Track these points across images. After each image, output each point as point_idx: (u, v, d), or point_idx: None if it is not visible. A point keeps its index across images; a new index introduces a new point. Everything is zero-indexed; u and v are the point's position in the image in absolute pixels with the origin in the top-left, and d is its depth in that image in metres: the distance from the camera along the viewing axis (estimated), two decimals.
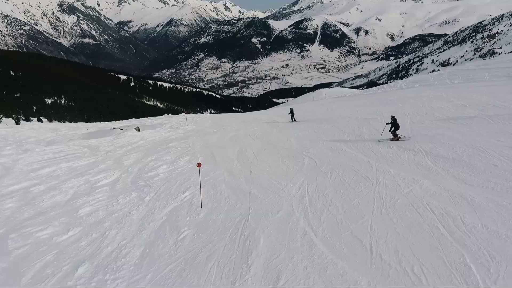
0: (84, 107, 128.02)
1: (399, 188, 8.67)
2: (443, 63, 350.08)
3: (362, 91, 53.09)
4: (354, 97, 39.62)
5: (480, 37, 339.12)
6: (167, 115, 47.62)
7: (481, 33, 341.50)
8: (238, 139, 19.02)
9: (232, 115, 40.30)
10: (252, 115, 35.51)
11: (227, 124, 25.61)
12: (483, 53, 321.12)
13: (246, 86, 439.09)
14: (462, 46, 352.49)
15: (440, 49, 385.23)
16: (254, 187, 10.16)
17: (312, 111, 29.76)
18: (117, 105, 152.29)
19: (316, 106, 35.33)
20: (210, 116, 35.00)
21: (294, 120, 24.26)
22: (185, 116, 29.31)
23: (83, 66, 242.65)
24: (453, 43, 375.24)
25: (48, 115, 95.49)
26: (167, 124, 27.66)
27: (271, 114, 32.91)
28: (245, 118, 30.42)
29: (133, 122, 33.83)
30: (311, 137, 16.67)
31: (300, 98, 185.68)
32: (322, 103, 39.66)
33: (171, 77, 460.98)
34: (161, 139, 20.47)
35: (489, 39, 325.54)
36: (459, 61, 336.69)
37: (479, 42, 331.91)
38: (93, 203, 9.95)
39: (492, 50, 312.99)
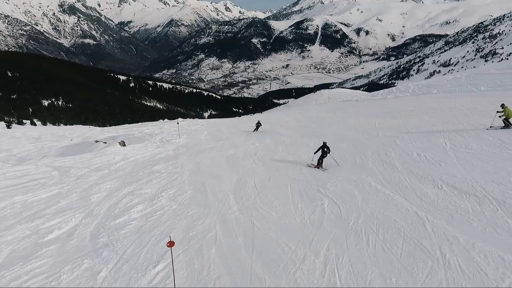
0: (82, 109, 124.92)
1: (486, 279, 5.47)
2: (444, 64, 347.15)
3: (370, 94, 49.89)
4: (364, 103, 36.37)
5: (481, 38, 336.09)
6: (163, 121, 44.45)
7: (483, 34, 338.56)
8: (236, 161, 15.78)
9: (231, 122, 37.16)
10: (252, 119, 32.53)
11: (225, 137, 22.37)
12: (485, 53, 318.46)
13: (247, 87, 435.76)
14: (463, 47, 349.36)
15: (441, 50, 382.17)
16: (258, 259, 6.90)
17: (319, 119, 26.51)
18: (115, 106, 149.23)
19: (322, 112, 32.14)
20: (207, 125, 31.70)
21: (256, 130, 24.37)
22: (178, 126, 25.95)
23: (82, 67, 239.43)
24: (454, 44, 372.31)
25: (44, 117, 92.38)
26: (158, 135, 24.46)
27: (274, 120, 29.71)
28: (244, 126, 27.36)
29: (122, 131, 30.62)
30: (326, 161, 13.43)
31: (301, 99, 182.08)
32: (328, 109, 36.45)
33: (171, 78, 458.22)
34: (146, 159, 17.24)
35: (490, 39, 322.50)
36: (460, 61, 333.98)
37: (480, 43, 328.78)
38: (22, 282, 6.77)
39: (494, 50, 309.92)
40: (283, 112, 50.17)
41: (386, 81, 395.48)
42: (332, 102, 55.27)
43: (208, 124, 32.95)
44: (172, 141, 21.74)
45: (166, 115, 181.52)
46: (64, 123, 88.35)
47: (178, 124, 23.98)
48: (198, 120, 44.68)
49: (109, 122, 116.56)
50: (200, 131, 26.30)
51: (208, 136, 23.00)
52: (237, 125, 31.03)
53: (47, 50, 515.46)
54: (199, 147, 19.13)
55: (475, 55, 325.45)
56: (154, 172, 14.58)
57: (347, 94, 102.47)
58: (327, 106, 43.73)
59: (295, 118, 32.28)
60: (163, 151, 18.78)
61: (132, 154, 18.50)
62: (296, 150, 16.86)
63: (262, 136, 21.68)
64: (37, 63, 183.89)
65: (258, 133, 23.01)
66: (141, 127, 35.49)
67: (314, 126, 22.22)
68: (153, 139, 22.88)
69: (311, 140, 18.28)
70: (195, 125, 32.89)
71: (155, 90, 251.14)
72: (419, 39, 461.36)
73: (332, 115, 27.30)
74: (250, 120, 36.76)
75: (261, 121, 25.19)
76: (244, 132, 23.66)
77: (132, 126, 38.62)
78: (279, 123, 26.90)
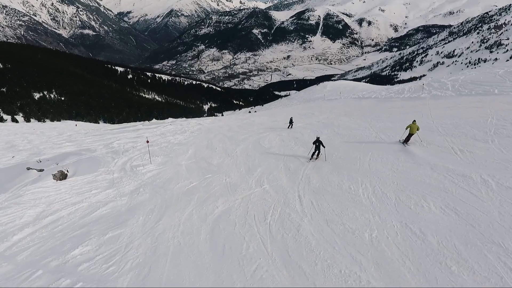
0: (75, 102, 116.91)
1: None
2: (448, 55, 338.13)
3: (391, 90, 41.88)
4: (392, 103, 28.62)
5: (486, 28, 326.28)
6: (148, 122, 36.73)
7: (487, 24, 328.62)
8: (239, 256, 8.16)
9: (231, 124, 29.43)
10: (259, 120, 24.86)
11: (219, 166, 14.67)
12: (490, 44, 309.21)
13: (247, 78, 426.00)
14: (467, 37, 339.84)
15: (445, 41, 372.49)
16: None
17: (346, 130, 18.83)
18: (111, 100, 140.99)
19: (343, 116, 24.47)
20: (198, 133, 23.96)
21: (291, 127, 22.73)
22: (148, 146, 18.12)
23: (78, 58, 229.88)
24: (458, 34, 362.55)
25: (31, 112, 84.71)
26: (126, 154, 16.91)
27: (282, 126, 22.12)
28: (252, 137, 19.81)
29: (90, 140, 22.96)
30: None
31: (304, 92, 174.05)
32: (346, 109, 28.75)
33: (171, 69, 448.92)
34: (74, 221, 9.66)
35: (495, 30, 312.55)
36: (464, 52, 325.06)
37: (485, 33, 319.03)
38: None
39: (499, 41, 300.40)
40: (288, 109, 42.38)
41: (389, 72, 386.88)
42: (345, 98, 47.35)
43: (200, 131, 25.25)
44: (138, 169, 14.13)
45: (165, 108, 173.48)
46: (52, 118, 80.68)
47: (148, 143, 15.94)
48: (190, 122, 36.95)
49: (102, 117, 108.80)
50: (185, 145, 18.65)
51: (193, 160, 15.33)
52: (238, 132, 23.41)
53: (46, 41, 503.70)
54: (172, 194, 11.42)
55: (480, 46, 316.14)
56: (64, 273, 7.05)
57: (357, 88, 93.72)
58: (342, 105, 35.91)
59: (309, 122, 24.65)
60: (112, 197, 11.20)
61: (61, 202, 10.95)
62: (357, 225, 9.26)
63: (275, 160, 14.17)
64: (31, 54, 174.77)
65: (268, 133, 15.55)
66: (119, 133, 27.90)
67: (351, 150, 14.37)
68: (114, 163, 15.28)
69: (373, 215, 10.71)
70: (183, 132, 25.19)
71: (154, 82, 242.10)
72: (422, 30, 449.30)
73: (362, 124, 19.59)
74: (252, 124, 29.09)
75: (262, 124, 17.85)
76: (250, 156, 15.98)
77: (112, 130, 31.10)
78: (292, 136, 19.29)
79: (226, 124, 29.93)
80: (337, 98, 50.68)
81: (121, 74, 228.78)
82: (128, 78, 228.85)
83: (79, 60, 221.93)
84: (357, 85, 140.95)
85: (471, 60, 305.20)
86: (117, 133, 27.01)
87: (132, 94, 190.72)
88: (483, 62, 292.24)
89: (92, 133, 29.70)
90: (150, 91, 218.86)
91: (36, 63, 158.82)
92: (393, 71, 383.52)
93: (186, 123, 34.93)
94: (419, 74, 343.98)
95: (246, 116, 41.40)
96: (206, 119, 42.64)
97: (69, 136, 28.96)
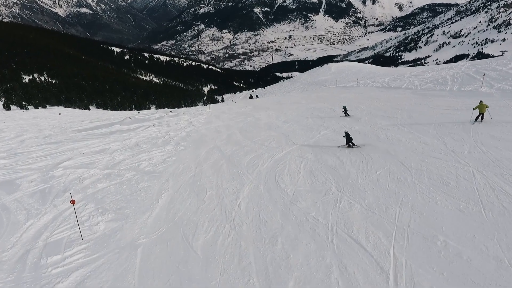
0: (66, 85, 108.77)
1: None
2: (454, 35, 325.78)
3: (418, 75, 34.52)
4: (431, 98, 21.74)
5: (495, 7, 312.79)
6: (136, 113, 29.76)
7: (497, 2, 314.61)
8: None
9: (230, 132, 22.63)
10: (266, 119, 18.16)
11: (207, 262, 7.94)
12: (498, 24, 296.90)
13: (248, 59, 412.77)
14: (475, 17, 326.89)
15: (451, 20, 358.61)
16: None
17: (412, 155, 12.19)
18: (106, 82, 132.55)
19: (381, 119, 17.66)
20: (185, 145, 17.14)
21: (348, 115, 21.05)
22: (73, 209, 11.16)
23: (72, 38, 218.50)
24: (465, 13, 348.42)
25: (18, 97, 77.04)
26: (50, 209, 10.27)
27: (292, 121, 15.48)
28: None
29: (13, 170, 16.18)
30: None
31: (307, 74, 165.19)
32: (380, 108, 21.86)
33: (170, 49, 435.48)
34: None
35: (505, 8, 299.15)
36: (471, 32, 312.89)
37: (494, 12, 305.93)
38: None
39: (508, 20, 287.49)
40: (296, 98, 35.23)
41: (393, 53, 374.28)
42: (364, 85, 39.99)
43: (189, 141, 18.41)
44: (46, 270, 7.34)
45: (163, 90, 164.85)
46: (38, 104, 73.25)
47: (74, 204, 8.33)
48: (182, 119, 30.14)
49: (95, 101, 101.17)
50: (159, 180, 11.60)
51: (160, 232, 8.42)
52: (240, 146, 16.66)
53: (42, 20, 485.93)
54: None
55: (488, 26, 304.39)
56: None
57: (363, 70, 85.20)
58: (367, 97, 28.81)
59: (335, 129, 17.84)
60: None
61: None
62: None
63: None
64: (22, 34, 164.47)
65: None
66: (84, 140, 21.13)
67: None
68: (16, 237, 8.43)
69: None
70: (166, 142, 18.32)
71: (152, 63, 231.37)
72: (428, 9, 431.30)
73: (429, 140, 12.76)
74: (258, 125, 22.30)
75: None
76: (264, 223, 9.09)
77: (78, 134, 24.34)
78: (325, 163, 12.31)
79: (224, 124, 23.02)
80: (354, 84, 43.28)
81: (118, 55, 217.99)
82: (125, 59, 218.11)
83: (73, 40, 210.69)
84: (363, 67, 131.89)
85: (478, 40, 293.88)
86: (82, 139, 20.10)
87: (129, 76, 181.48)
88: (490, 42, 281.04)
89: (53, 136, 22.81)
90: (148, 73, 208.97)
91: (28, 43, 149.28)
92: (397, 51, 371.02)
93: (176, 119, 28.03)
94: (424, 55, 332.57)
95: (248, 108, 34.35)
96: (202, 112, 35.60)
97: (22, 141, 22.15)
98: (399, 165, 10.42)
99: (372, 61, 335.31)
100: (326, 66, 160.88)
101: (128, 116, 27.69)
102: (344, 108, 22.31)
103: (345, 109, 22.24)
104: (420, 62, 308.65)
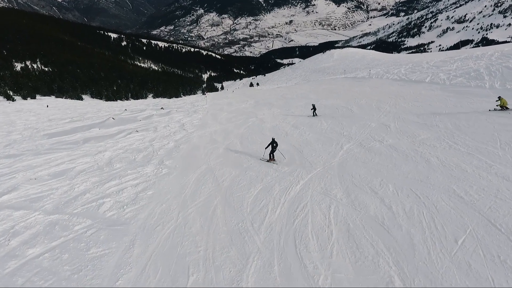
0: (60, 73, 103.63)
1: None
2: (459, 20, 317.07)
3: (439, 68, 30.18)
4: (471, 98, 17.88)
5: None
6: (123, 110, 25.83)
7: None
8: None
9: (228, 142, 18.89)
10: (272, 122, 14.35)
11: None
12: (504, 8, 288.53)
13: (248, 45, 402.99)
14: (480, 1, 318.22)
15: (456, 4, 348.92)
16: None
17: None
18: (101, 70, 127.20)
19: (429, 134, 13.87)
20: (167, 170, 13.34)
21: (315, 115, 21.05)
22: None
23: (67, 23, 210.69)
24: None
25: (5, 87, 72.44)
26: None
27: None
28: None
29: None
30: None
31: (309, 60, 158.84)
32: (412, 112, 18.01)
33: (169, 35, 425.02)
34: None
35: None
36: (476, 17, 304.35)
37: None
38: None
39: None
40: (302, 91, 31.12)
41: (395, 39, 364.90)
42: (378, 78, 35.80)
43: (176, 158, 14.65)
44: None
45: (161, 77, 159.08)
46: (27, 94, 68.80)
47: None
48: (173, 118, 26.33)
49: (89, 90, 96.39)
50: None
51: None
52: (241, 170, 12.99)
53: (38, 4, 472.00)
54: None
55: (493, 11, 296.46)
56: None
57: (367, 57, 79.94)
58: (386, 93, 24.84)
59: (369, 147, 14.07)
60: None
61: None
62: None
63: None
64: (14, 19, 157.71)
65: None
66: (47, 153, 17.34)
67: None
68: None
69: None
70: (146, 161, 14.56)
71: (150, 50, 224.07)
72: None
73: None
74: (263, 129, 18.51)
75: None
76: None
77: (45, 143, 20.55)
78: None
79: (222, 129, 19.19)
80: (366, 75, 39.01)
81: (115, 41, 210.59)
82: (122, 45, 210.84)
83: (68, 25, 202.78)
84: (367, 54, 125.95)
85: (483, 25, 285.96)
86: (47, 150, 16.11)
87: (126, 63, 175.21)
88: (495, 27, 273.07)
89: (17, 144, 18.92)
90: (145, 60, 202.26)
91: (21, 29, 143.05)
92: (399, 37, 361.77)
93: (166, 120, 24.16)
94: (428, 41, 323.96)
95: (249, 104, 30.41)
96: (197, 109, 31.67)
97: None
98: (489, 227, 6.61)
99: (374, 47, 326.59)
100: (328, 52, 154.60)
101: (111, 116, 23.72)
102: (313, 107, 21.58)
103: (314, 107, 21.54)
104: (423, 48, 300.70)
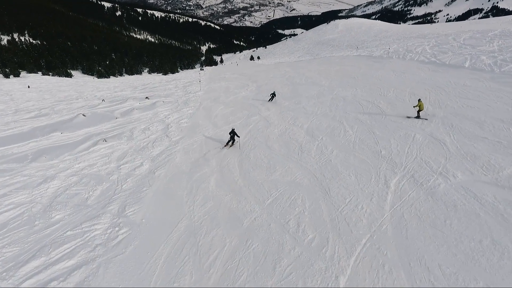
0: (49, 47, 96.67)
1: None
2: None
3: (455, 34, 25.01)
4: None
5: None
6: (114, 86, 21.14)
7: None
8: None
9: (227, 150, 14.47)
10: (279, 125, 10.50)
11: None
12: None
13: (248, 14, 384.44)
14: None
15: None
16: None
17: None
18: (93, 42, 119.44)
19: None
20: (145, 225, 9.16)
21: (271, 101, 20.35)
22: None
23: None
24: None
25: None
26: None
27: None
28: None
29: None
30: None
31: (312, 32, 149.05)
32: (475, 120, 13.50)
33: (166, 4, 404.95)
34: None
35: None
36: None
37: None
38: None
39: None
40: (308, 71, 26.05)
41: (401, 7, 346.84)
42: (400, 58, 30.56)
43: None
44: None
45: (157, 50, 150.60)
46: (10, 72, 63.01)
47: None
48: (159, 114, 21.88)
49: (80, 66, 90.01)
50: None
51: None
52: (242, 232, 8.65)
53: None
54: None
55: None
56: None
57: (374, 28, 72.45)
58: (418, 84, 20.18)
59: (410, 169, 9.79)
60: None
61: None
62: None
63: None
64: None
65: None
66: None
67: None
68: None
69: None
70: (78, 226, 10.39)
71: (146, 20, 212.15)
72: None
73: None
74: (270, 134, 14.16)
75: None
76: None
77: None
78: None
79: (216, 135, 14.76)
80: (383, 54, 33.65)
81: (109, 11, 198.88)
82: (116, 15, 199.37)
83: None
84: (373, 24, 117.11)
85: None
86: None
87: (120, 35, 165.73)
88: None
89: None
90: (141, 31, 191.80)
91: None
92: (406, 6, 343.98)
93: (148, 118, 19.59)
94: (435, 10, 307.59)
95: (250, 90, 25.68)
96: (190, 97, 26.93)
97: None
98: None
99: (379, 17, 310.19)
100: (332, 23, 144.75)
101: (82, 112, 19.07)
102: (273, 94, 20.47)
103: (273, 95, 20.43)
104: (430, 17, 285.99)
